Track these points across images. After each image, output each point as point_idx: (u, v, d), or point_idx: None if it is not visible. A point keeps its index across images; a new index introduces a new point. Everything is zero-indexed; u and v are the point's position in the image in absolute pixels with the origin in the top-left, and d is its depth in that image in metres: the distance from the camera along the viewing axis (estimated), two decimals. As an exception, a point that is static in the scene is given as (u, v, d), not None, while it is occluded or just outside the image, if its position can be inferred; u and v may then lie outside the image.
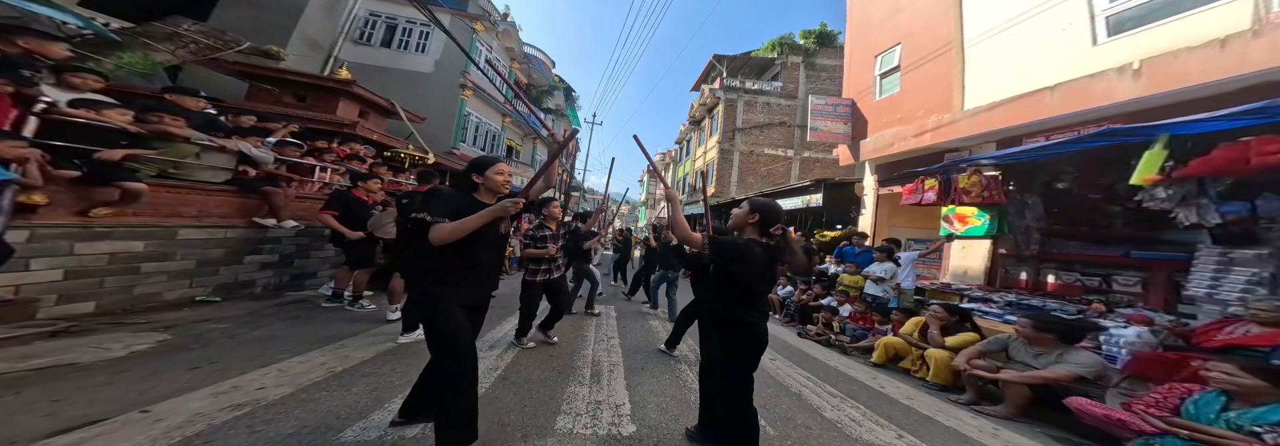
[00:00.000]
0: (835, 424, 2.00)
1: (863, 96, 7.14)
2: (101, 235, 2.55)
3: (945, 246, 4.74)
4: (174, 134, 2.73)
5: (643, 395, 2.14)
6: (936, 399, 2.55)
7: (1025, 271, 4.22)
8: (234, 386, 1.78)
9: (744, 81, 14.20)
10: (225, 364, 2.03)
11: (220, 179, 3.27)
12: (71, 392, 1.61)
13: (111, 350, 2.04)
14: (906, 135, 5.42)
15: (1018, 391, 2.29)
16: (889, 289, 4.01)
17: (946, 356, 2.77)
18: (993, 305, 3.54)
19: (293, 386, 1.83)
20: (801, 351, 3.53)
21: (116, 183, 2.44)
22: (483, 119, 11.79)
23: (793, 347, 3.64)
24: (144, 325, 2.47)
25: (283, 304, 3.46)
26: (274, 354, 2.23)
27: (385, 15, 10.04)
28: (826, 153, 12.52)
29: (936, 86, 5.42)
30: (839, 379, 2.79)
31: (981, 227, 4.06)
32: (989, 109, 4.28)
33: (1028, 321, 2.50)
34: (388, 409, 1.68)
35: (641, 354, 2.93)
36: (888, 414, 2.20)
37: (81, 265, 2.48)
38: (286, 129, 4.02)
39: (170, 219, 2.96)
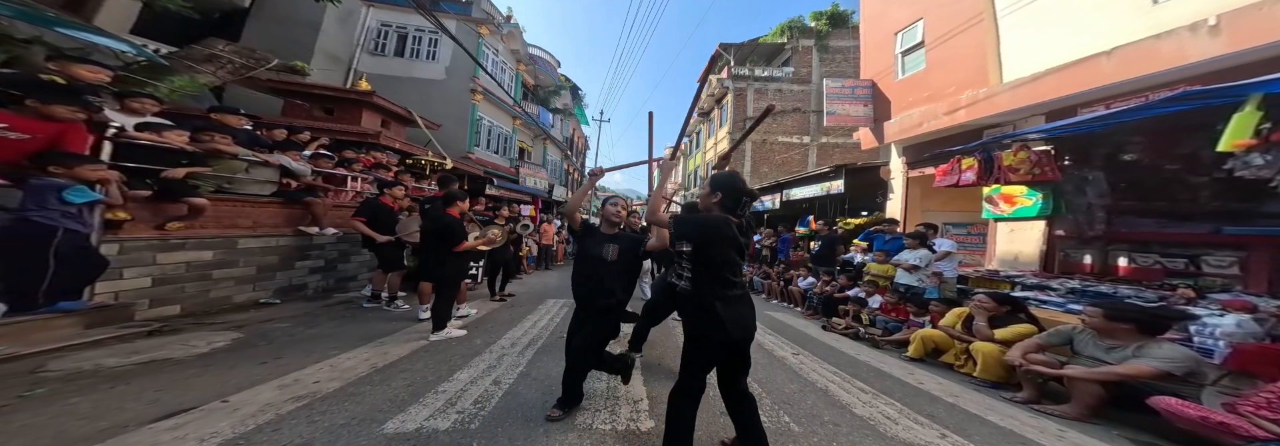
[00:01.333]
0: (867, 421, 1.89)
1: (883, 77, 6.78)
2: (176, 246, 2.82)
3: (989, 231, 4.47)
4: (224, 151, 2.95)
5: (660, 391, 2.14)
6: (986, 396, 2.33)
7: (1089, 254, 3.85)
8: (295, 380, 1.95)
9: (753, 69, 13.74)
10: (287, 359, 2.23)
11: (267, 191, 3.53)
12: (170, 383, 1.82)
13: (197, 347, 2.28)
14: (937, 113, 5.11)
15: (1088, 390, 2.06)
16: (925, 277, 3.76)
17: (997, 350, 2.55)
18: (1052, 293, 3.26)
19: (342, 380, 1.98)
20: (827, 345, 3.41)
21: (183, 198, 2.67)
22: (494, 122, 12.01)
23: (816, 341, 3.51)
24: (220, 325, 2.74)
25: (331, 305, 3.72)
26: (326, 350, 2.42)
27: (395, 25, 10.33)
28: (846, 137, 11.99)
29: (968, 60, 5.06)
30: (870, 374, 2.64)
31: (1033, 208, 3.79)
32: (1033, 80, 3.95)
33: (1098, 310, 2.24)
34: (423, 403, 1.80)
35: (657, 349, 2.95)
36: (928, 411, 2.04)
37: (164, 273, 2.77)
38: (319, 142, 4.25)
39: (231, 230, 3.23)
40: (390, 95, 7.83)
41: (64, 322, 2.15)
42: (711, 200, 1.44)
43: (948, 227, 5.31)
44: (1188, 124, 2.57)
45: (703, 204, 1.51)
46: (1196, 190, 3.22)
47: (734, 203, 1.39)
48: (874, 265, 4.31)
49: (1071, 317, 2.77)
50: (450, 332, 2.85)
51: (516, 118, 12.79)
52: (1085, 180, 3.60)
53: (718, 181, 1.44)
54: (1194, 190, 3.24)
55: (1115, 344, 2.15)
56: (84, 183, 2.09)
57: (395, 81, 9.95)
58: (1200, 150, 2.60)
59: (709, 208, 1.46)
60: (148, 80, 3.85)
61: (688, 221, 1.43)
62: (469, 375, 2.20)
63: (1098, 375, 2.04)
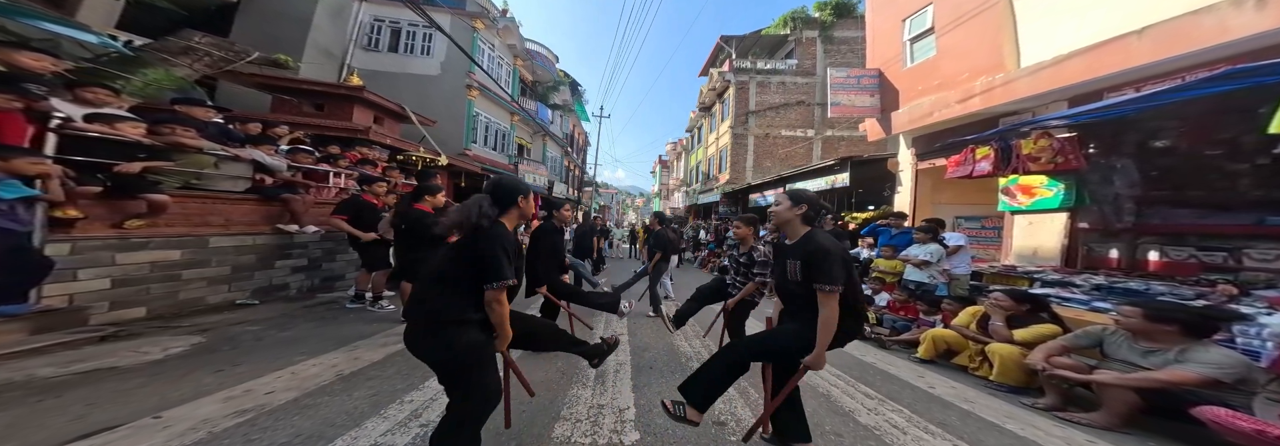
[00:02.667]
0: (873, 430, 1.72)
1: (891, 65, 6.47)
2: (139, 245, 2.67)
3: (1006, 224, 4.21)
4: (186, 144, 2.78)
5: (649, 398, 1.98)
6: (1004, 402, 2.13)
7: (1115, 248, 3.58)
8: (247, 390, 1.78)
9: (755, 62, 13.41)
10: (247, 366, 2.07)
11: (241, 188, 3.36)
12: (106, 396, 1.66)
13: (150, 353, 2.12)
14: (949, 102, 4.83)
15: (1121, 397, 1.85)
16: (936, 274, 3.55)
17: (1016, 352, 2.34)
18: (1075, 290, 3.04)
19: (300, 391, 1.81)
20: None
21: (140, 195, 2.51)
22: (491, 118, 11.82)
23: None
24: (186, 328, 2.59)
25: (313, 305, 3.57)
26: (293, 356, 2.25)
27: (388, 20, 10.13)
28: (851, 130, 11.67)
29: (982, 45, 4.76)
30: (877, 377, 2.46)
31: (1054, 199, 3.53)
32: (1055, 64, 3.66)
33: (1137, 310, 1.99)
34: (384, 416, 1.63)
35: (651, 351, 2.77)
36: (940, 419, 1.87)
37: (126, 274, 2.61)
38: (290, 134, 4.07)
39: (201, 228, 3.08)
40: (385, 91, 7.66)
41: (4, 329, 2.00)
42: (793, 213, 1.40)
43: (959, 221, 5.05)
44: (1229, 106, 2.35)
45: (780, 221, 1.45)
46: (1238, 178, 2.98)
47: (816, 214, 1.41)
48: (881, 261, 4.09)
49: (1098, 317, 2.56)
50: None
51: (514, 114, 12.59)
52: (1113, 169, 3.33)
53: (799, 195, 1.43)
54: (1235, 178, 2.99)
55: (1154, 347, 1.92)
56: (20, 177, 1.93)
57: (390, 77, 9.78)
58: (1243, 135, 2.38)
59: (788, 221, 1.42)
60: (119, 73, 3.69)
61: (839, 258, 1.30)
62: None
63: (1137, 382, 1.82)
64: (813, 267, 1.28)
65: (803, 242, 1.37)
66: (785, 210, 1.42)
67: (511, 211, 1.28)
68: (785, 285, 1.46)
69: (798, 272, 1.34)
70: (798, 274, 1.35)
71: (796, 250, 1.37)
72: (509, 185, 1.29)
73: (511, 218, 1.30)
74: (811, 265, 1.29)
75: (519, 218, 1.32)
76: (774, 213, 1.44)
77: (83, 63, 3.57)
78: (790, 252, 1.39)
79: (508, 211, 1.28)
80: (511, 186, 1.29)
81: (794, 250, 1.38)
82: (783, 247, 1.47)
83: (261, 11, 8.11)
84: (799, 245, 1.38)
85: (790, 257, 1.38)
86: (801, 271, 1.33)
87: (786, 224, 1.43)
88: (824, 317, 1.27)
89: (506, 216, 1.28)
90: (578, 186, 19.79)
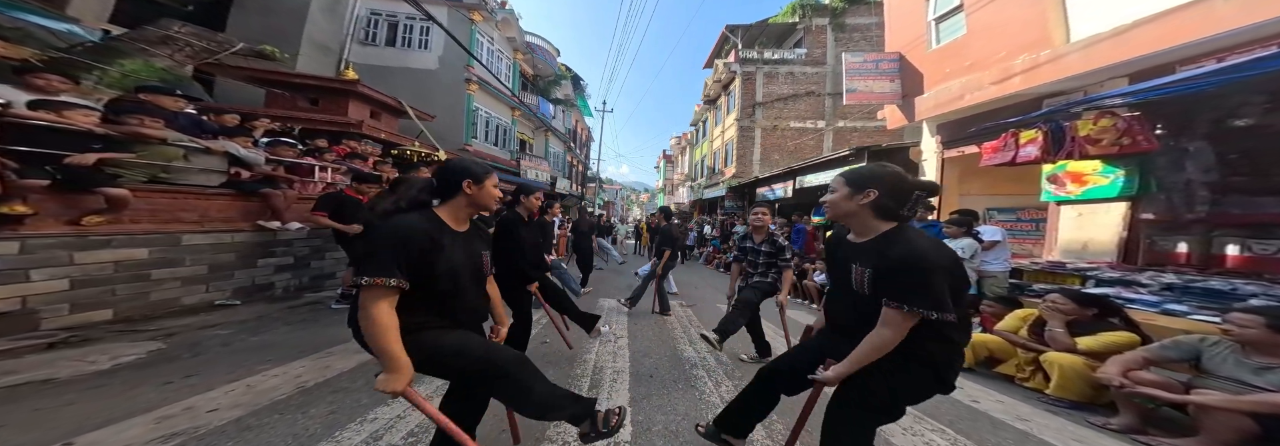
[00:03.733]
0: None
1: (913, 48, 5.99)
2: (100, 244, 2.48)
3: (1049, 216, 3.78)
4: (147, 135, 2.57)
5: (647, 412, 1.73)
6: (1067, 421, 1.82)
7: (1185, 242, 3.13)
8: (187, 408, 1.55)
9: (762, 52, 12.89)
10: (202, 377, 1.85)
11: (215, 182, 3.17)
12: (19, 416, 1.45)
13: (96, 363, 1.92)
14: (983, 83, 4.38)
15: (1231, 422, 1.51)
16: (970, 270, 3.20)
17: (1080, 363, 1.99)
18: (1141, 290, 2.66)
19: (248, 408, 1.58)
20: None
21: (96, 189, 2.30)
22: (492, 113, 11.60)
23: None
24: (149, 333, 2.39)
25: (297, 306, 3.38)
26: (256, 364, 2.03)
27: (385, 13, 9.93)
28: (866, 120, 11.14)
29: (1022, 20, 4.29)
30: None
31: (1111, 187, 3.10)
32: (1115, 36, 3.20)
33: (1259, 319, 1.61)
34: (336, 439, 1.39)
35: (652, 357, 2.51)
36: (992, 442, 1.60)
37: (86, 274, 2.43)
38: (270, 127, 3.86)
39: (171, 225, 2.88)
40: (383, 86, 7.49)
41: (-64, 335, 1.81)
42: (856, 202, 0.95)
43: (991, 213, 4.62)
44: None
45: (837, 213, 1.00)
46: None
47: (899, 203, 0.93)
48: (908, 258, 3.71)
49: (1173, 321, 2.18)
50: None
51: (515, 108, 12.35)
52: (1184, 152, 2.89)
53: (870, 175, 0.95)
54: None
55: (1272, 362, 1.57)
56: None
57: (388, 72, 9.62)
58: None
59: (851, 214, 0.97)
60: (95, 63, 3.52)
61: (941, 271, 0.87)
62: (415, 397, 1.78)
63: (1255, 406, 1.47)
64: (889, 281, 0.88)
65: (880, 243, 0.94)
66: (842, 199, 0.97)
67: (457, 199, 1.02)
68: (841, 299, 1.05)
69: (866, 284, 0.93)
70: (865, 285, 0.93)
71: (868, 253, 0.95)
72: (453, 167, 1.04)
73: (457, 206, 1.03)
74: (889, 278, 0.89)
75: (470, 207, 1.05)
76: (829, 203, 1.00)
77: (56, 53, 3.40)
78: (858, 255, 0.97)
79: (451, 199, 1.02)
80: (455, 168, 1.03)
81: (864, 252, 0.96)
82: (844, 245, 1.04)
83: (256, 6, 7.98)
84: (873, 246, 0.95)
85: (858, 261, 0.96)
86: (872, 283, 0.92)
87: (850, 217, 0.99)
88: (879, 338, 0.89)
89: (450, 204, 1.02)
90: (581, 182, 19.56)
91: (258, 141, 3.55)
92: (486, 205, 1.07)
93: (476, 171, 1.04)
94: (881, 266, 0.91)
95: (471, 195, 1.03)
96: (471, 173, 1.03)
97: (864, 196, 0.95)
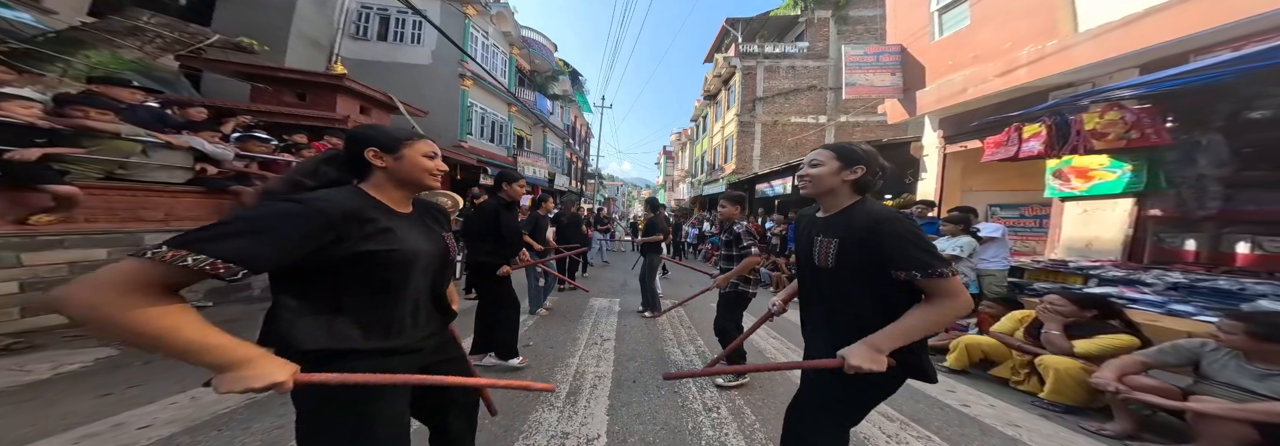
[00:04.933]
0: None
1: (915, 40, 5.80)
2: (51, 244, 2.37)
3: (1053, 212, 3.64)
4: (96, 128, 2.43)
5: (625, 422, 1.63)
6: (1059, 426, 1.77)
7: (1194, 239, 3.01)
8: (116, 424, 1.44)
9: (763, 46, 12.64)
10: (146, 388, 1.74)
11: (180, 179, 3.04)
12: None
13: (35, 372, 1.81)
14: (986, 76, 4.21)
15: (1230, 430, 1.45)
16: (966, 271, 3.06)
17: (1076, 366, 1.92)
18: (1145, 289, 2.54)
19: (185, 424, 1.47)
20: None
21: (40, 186, 2.18)
22: (487, 109, 11.43)
23: None
24: (103, 339, 2.29)
25: (272, 308, 3.28)
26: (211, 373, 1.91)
27: (376, 7, 9.74)
28: (867, 115, 10.93)
29: (1029, 9, 4.11)
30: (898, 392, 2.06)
31: (1118, 182, 2.96)
32: (1125, 25, 3.03)
33: (1239, 325, 1.56)
34: None
35: (638, 360, 2.40)
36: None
37: (37, 276, 2.32)
38: (238, 120, 3.72)
39: (131, 223, 2.77)
40: (375, 82, 7.35)
41: None
42: (841, 177, 0.92)
43: (994, 210, 4.48)
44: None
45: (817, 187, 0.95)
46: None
47: (876, 180, 0.95)
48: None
49: (1178, 322, 2.08)
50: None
51: (512, 104, 12.17)
52: (1196, 145, 2.73)
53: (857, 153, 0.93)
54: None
55: (1274, 369, 1.50)
56: None
57: (380, 67, 9.47)
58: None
59: (831, 189, 0.94)
60: (58, 55, 3.39)
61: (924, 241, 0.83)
62: (373, 408, 1.67)
63: (1258, 414, 1.40)
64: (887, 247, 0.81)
65: (849, 213, 0.91)
66: (830, 173, 0.91)
67: (374, 176, 0.78)
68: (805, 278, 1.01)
69: (830, 256, 0.88)
70: (829, 257, 0.88)
71: (835, 225, 0.90)
72: (353, 135, 0.80)
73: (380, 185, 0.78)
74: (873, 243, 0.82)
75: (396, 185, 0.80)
76: (811, 177, 0.93)
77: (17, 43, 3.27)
78: (825, 228, 0.92)
79: (368, 176, 0.78)
80: (355, 137, 0.79)
81: (831, 225, 0.92)
82: (812, 222, 1.00)
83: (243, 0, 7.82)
84: (841, 218, 0.91)
85: (824, 234, 0.91)
86: (837, 254, 0.87)
87: (830, 193, 0.93)
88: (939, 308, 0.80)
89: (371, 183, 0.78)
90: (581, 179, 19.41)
91: (228, 136, 3.42)
92: (414, 179, 0.80)
93: (384, 139, 0.78)
94: (851, 235, 0.87)
95: (387, 168, 0.78)
96: (376, 141, 0.77)
97: (852, 172, 0.91)
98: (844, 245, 0.87)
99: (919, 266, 0.79)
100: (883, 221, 0.83)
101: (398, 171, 0.79)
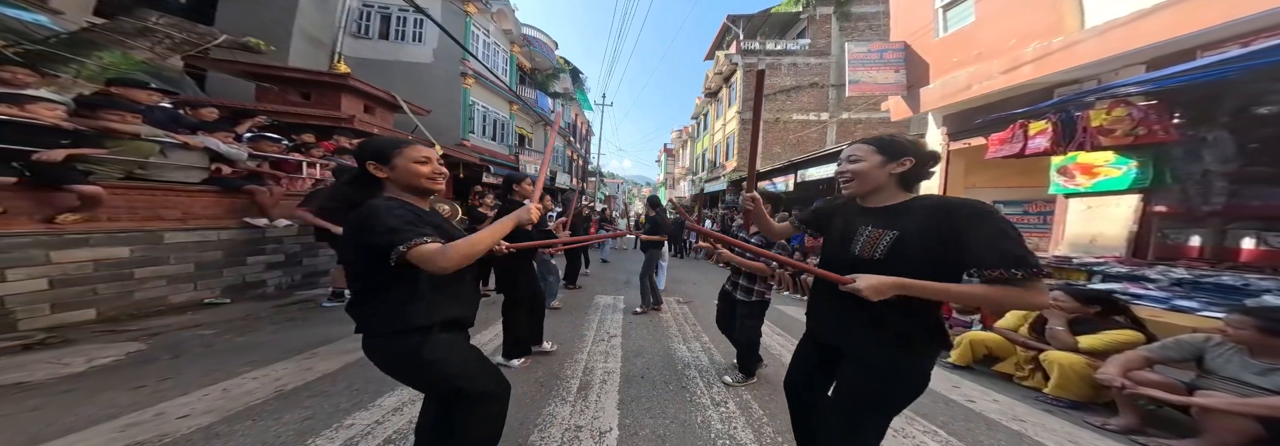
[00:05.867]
0: None
1: (919, 37, 5.78)
2: (77, 242, 2.42)
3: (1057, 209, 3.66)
4: (116, 130, 2.48)
5: (636, 415, 1.68)
6: (1064, 421, 1.79)
7: (1198, 235, 3.02)
8: (157, 414, 1.51)
9: (764, 43, 12.58)
10: (178, 380, 1.80)
11: (196, 178, 3.09)
12: None
13: (71, 365, 1.87)
14: (991, 73, 4.21)
15: (1234, 425, 1.48)
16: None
17: (1081, 362, 1.94)
18: (1149, 285, 2.57)
19: (220, 414, 1.53)
20: None
21: (66, 186, 2.23)
22: (489, 107, 11.43)
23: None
24: (132, 333, 2.35)
25: (287, 304, 3.34)
26: (236, 366, 1.99)
27: (377, 5, 9.71)
28: (870, 112, 10.91)
29: (1034, 7, 4.10)
30: None
31: (1123, 179, 2.98)
32: (1133, 21, 3.03)
33: (1248, 320, 1.58)
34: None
35: (644, 356, 2.45)
36: (984, 443, 1.57)
37: (66, 273, 2.38)
38: (253, 121, 3.76)
39: (152, 222, 2.83)
40: (377, 80, 7.36)
41: (-96, 337, 1.77)
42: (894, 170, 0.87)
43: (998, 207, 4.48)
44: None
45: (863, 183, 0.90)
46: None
47: (925, 173, 0.90)
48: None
49: (1181, 318, 2.09)
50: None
51: (513, 102, 12.16)
52: (1203, 142, 2.74)
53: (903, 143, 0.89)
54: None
55: (1278, 364, 1.52)
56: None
57: (381, 65, 9.47)
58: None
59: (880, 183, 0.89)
60: (72, 56, 3.42)
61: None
62: (397, 400, 1.73)
63: (1254, 408, 1.44)
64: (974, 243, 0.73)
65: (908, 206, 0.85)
66: (875, 167, 0.87)
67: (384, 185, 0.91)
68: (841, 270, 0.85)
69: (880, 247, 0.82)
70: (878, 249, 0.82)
71: (890, 215, 0.85)
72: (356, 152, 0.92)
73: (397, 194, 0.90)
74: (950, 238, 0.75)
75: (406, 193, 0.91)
76: (859, 173, 0.89)
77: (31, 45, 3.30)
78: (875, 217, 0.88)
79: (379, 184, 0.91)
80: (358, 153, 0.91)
81: (884, 214, 0.87)
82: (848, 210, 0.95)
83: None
84: (898, 209, 0.86)
85: (874, 224, 0.86)
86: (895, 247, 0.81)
87: (877, 190, 0.89)
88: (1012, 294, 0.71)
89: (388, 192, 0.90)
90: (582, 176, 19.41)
91: (240, 136, 3.46)
92: (415, 185, 0.88)
93: (376, 151, 0.87)
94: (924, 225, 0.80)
95: (389, 179, 0.88)
96: (371, 154, 0.87)
97: (899, 165, 0.87)
98: (904, 238, 0.80)
99: (1020, 264, 0.69)
100: (967, 215, 0.75)
101: (397, 179, 0.89)
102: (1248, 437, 1.44)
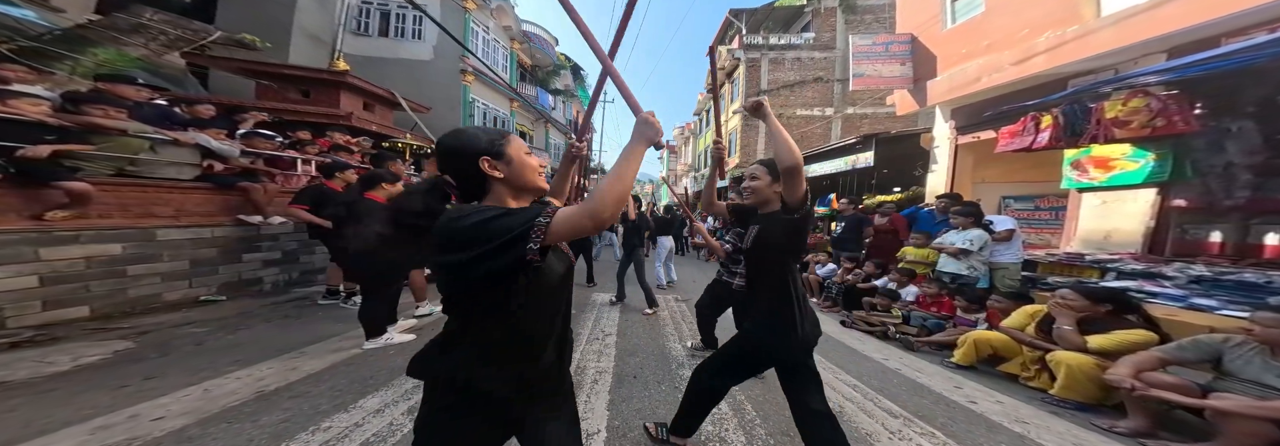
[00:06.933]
0: None
1: (926, 28, 5.61)
2: (67, 239, 2.41)
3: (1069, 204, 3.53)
4: (102, 126, 2.45)
5: (625, 415, 1.64)
6: (1069, 423, 1.72)
7: (1220, 231, 2.91)
8: (131, 416, 1.48)
9: (768, 37, 12.36)
10: (161, 380, 1.78)
11: (188, 175, 3.07)
12: None
13: (56, 364, 1.86)
14: (1002, 64, 4.06)
15: (1251, 428, 1.40)
16: (976, 264, 2.98)
17: (1089, 363, 1.87)
18: (1166, 283, 2.47)
19: (196, 416, 1.50)
20: (847, 347, 2.74)
21: (53, 183, 2.21)
22: (489, 105, 11.39)
23: (834, 341, 2.84)
24: (122, 331, 2.35)
25: (282, 302, 3.33)
26: (222, 365, 1.96)
27: (377, 2, 9.67)
28: (876, 107, 10.69)
29: (1047, -7, 3.93)
30: (902, 387, 2.04)
31: (1139, 173, 2.85)
32: (1151, 8, 2.88)
33: (1277, 317, 1.50)
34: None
35: (638, 356, 2.40)
36: (986, 445, 1.51)
37: (56, 271, 2.37)
38: (253, 118, 3.74)
39: (144, 219, 2.81)
40: (377, 77, 7.35)
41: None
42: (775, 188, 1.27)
43: (1008, 202, 4.38)
44: None
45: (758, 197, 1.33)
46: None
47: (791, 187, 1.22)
48: (911, 249, 3.53)
49: (1200, 317, 2.01)
50: (391, 338, 2.37)
51: (513, 99, 12.11)
52: (1226, 133, 2.61)
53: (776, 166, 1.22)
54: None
55: None
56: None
57: (381, 63, 9.44)
58: None
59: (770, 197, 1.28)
60: (66, 53, 3.41)
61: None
62: (380, 401, 1.69)
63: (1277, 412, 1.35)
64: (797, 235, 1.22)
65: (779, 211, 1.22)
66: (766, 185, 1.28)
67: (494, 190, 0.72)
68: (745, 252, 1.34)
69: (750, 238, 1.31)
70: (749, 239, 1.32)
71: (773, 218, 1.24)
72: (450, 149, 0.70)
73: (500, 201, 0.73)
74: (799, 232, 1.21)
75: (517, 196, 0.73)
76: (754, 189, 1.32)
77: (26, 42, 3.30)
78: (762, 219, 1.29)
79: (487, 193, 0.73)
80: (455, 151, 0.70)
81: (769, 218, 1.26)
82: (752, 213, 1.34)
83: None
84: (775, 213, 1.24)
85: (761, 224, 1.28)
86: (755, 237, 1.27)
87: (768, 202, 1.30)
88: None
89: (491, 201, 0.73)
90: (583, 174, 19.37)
91: (233, 133, 3.44)
92: (532, 183, 0.70)
93: (484, 144, 0.67)
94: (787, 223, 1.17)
95: (504, 178, 0.68)
96: (481, 148, 0.67)
97: (778, 183, 1.18)
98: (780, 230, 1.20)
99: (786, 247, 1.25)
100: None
101: (512, 178, 0.69)
102: (1266, 441, 1.37)
